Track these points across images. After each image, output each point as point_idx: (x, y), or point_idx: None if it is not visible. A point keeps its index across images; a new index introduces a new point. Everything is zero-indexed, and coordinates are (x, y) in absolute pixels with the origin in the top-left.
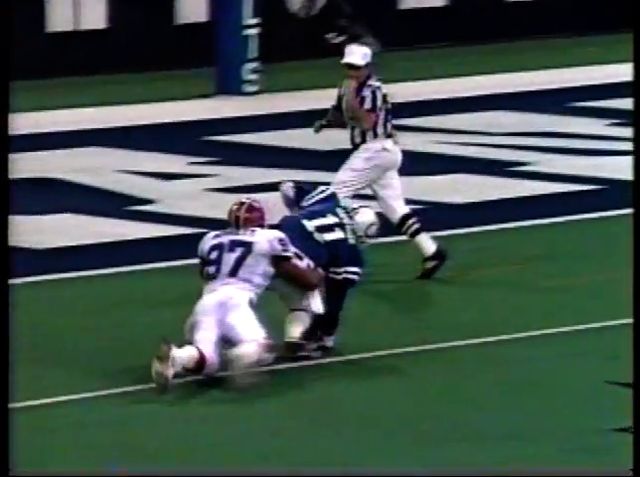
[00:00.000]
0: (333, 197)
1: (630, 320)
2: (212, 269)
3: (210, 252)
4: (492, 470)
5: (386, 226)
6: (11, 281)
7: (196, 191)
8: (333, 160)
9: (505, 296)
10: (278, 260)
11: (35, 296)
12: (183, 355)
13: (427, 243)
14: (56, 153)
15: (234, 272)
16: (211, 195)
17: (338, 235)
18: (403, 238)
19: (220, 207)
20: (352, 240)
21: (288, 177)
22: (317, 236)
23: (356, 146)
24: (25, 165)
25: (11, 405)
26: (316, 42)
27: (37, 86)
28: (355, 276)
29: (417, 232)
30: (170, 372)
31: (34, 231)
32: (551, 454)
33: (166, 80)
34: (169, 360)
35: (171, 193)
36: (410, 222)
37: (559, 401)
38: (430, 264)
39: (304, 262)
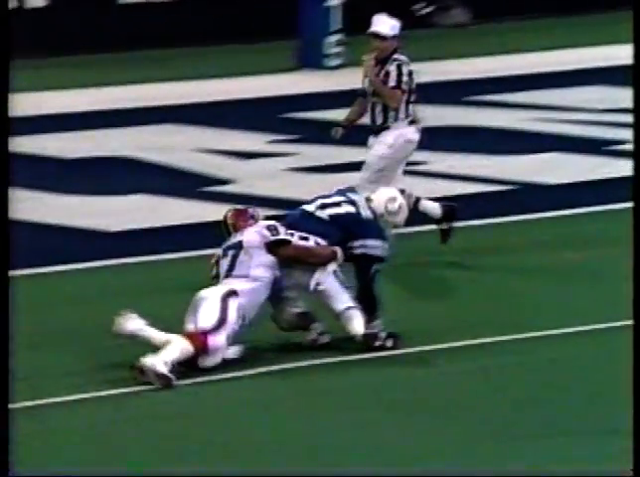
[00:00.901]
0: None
1: None
2: (214, 280)
3: (213, 268)
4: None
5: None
6: (76, 266)
7: (275, 170)
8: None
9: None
10: (275, 247)
11: (103, 282)
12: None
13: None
14: (128, 130)
15: (229, 272)
16: (291, 175)
17: (346, 209)
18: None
19: (300, 187)
20: (367, 215)
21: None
22: (319, 213)
23: (377, 128)
24: (95, 143)
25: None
26: (403, 13)
27: (110, 61)
28: (375, 251)
29: (417, 200)
30: (160, 368)
31: (103, 212)
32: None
33: (245, 54)
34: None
35: (249, 172)
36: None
37: None
38: (445, 226)
39: (310, 242)
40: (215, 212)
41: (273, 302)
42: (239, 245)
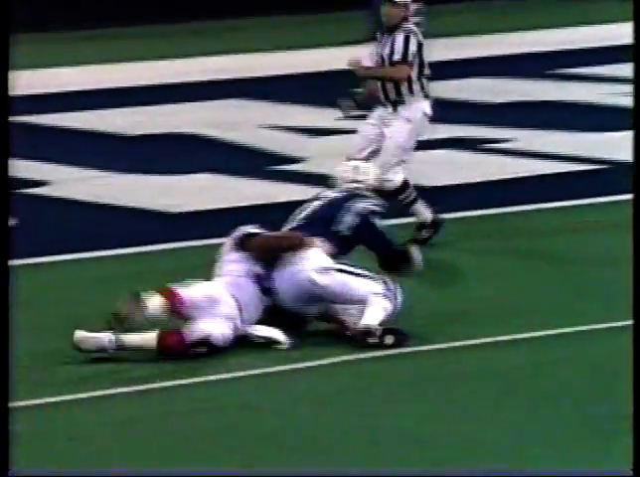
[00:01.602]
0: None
1: None
2: None
3: None
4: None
5: None
6: (137, 249)
7: (348, 148)
8: (505, 113)
9: None
10: (243, 243)
11: (163, 265)
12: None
13: (424, 210)
14: (192, 106)
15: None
16: None
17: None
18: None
19: None
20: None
21: (450, 133)
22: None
23: (391, 102)
24: (158, 119)
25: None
26: None
27: (173, 33)
28: (366, 208)
29: (415, 200)
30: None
31: (167, 192)
32: None
33: (317, 25)
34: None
35: (319, 150)
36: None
37: None
38: (426, 233)
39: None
40: (284, 192)
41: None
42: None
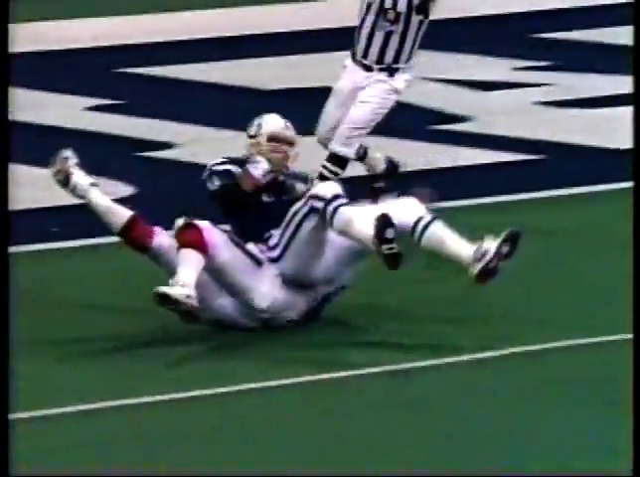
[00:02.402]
0: None
1: None
2: None
3: None
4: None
5: None
6: None
7: (522, 104)
8: None
9: None
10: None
11: None
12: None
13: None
14: (338, 56)
15: None
16: (542, 110)
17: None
18: None
19: (552, 125)
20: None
21: None
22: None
23: (380, 64)
24: (303, 71)
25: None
26: None
27: None
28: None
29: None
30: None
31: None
32: None
33: None
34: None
35: (490, 107)
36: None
37: None
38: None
39: None
40: (448, 155)
41: None
42: None
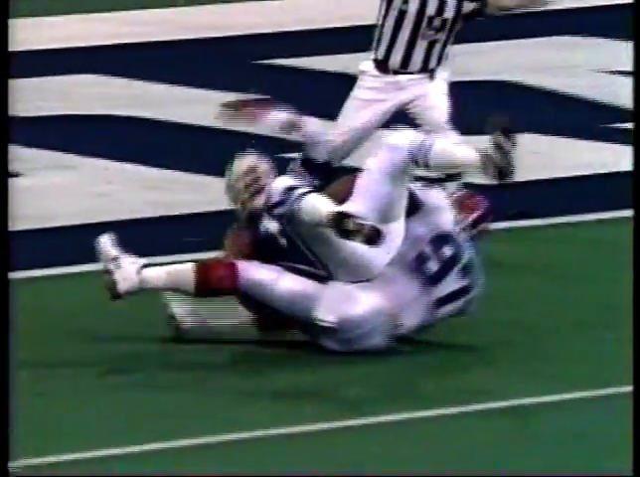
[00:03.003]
0: None
1: None
2: None
3: None
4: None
5: None
6: None
7: None
8: None
9: None
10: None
11: None
12: None
13: None
14: (507, 45)
15: None
16: None
17: None
18: None
19: None
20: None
21: None
22: None
23: (425, 71)
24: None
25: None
26: None
27: None
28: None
29: None
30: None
31: None
32: None
33: None
34: None
35: None
36: None
37: None
38: None
39: None
40: (622, 158)
41: None
42: None
